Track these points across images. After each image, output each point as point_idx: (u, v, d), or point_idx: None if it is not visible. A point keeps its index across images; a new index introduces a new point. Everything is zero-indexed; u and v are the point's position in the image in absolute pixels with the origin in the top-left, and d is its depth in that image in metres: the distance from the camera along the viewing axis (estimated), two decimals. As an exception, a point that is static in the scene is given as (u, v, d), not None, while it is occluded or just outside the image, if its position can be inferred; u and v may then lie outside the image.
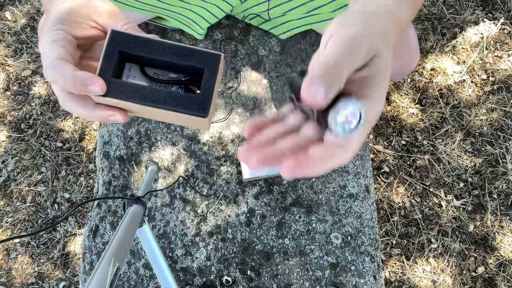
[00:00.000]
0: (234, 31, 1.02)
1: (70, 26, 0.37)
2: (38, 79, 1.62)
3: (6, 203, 1.49)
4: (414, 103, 1.57)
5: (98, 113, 0.37)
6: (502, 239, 1.41)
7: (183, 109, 0.38)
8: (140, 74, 0.41)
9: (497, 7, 1.66)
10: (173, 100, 0.38)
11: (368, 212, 0.91)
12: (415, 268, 1.40)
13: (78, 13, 0.37)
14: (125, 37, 0.39)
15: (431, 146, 1.51)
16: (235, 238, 0.89)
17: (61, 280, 1.42)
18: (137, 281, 0.87)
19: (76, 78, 0.33)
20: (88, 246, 0.91)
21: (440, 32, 1.64)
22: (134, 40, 0.39)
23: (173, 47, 0.39)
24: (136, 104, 0.37)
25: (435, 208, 1.45)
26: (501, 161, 1.48)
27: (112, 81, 0.37)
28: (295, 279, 0.86)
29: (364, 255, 0.87)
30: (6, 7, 1.70)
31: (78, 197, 1.49)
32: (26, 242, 1.45)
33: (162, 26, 1.02)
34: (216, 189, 0.92)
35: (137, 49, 0.39)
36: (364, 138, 0.33)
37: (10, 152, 1.54)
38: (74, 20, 0.37)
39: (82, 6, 0.38)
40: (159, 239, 0.89)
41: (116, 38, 0.38)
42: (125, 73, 0.41)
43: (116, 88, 0.37)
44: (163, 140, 0.95)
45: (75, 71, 0.34)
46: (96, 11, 0.38)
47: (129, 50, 0.39)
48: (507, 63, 1.59)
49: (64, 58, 0.35)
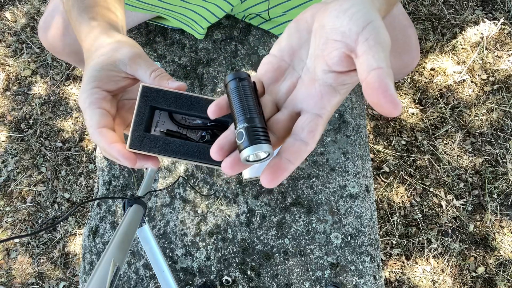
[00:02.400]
0: (234, 31, 1.02)
1: (103, 82, 0.42)
2: (38, 79, 1.62)
3: (6, 203, 1.49)
4: (414, 103, 1.57)
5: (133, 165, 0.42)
6: (502, 239, 1.41)
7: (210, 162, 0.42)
8: (168, 120, 0.45)
9: (497, 7, 1.66)
10: (200, 153, 0.42)
11: (368, 212, 0.91)
12: (415, 268, 1.40)
13: (107, 68, 0.42)
14: (155, 92, 0.42)
15: (431, 146, 1.51)
16: (235, 238, 0.89)
17: (61, 280, 1.42)
18: (137, 281, 0.87)
19: (113, 152, 0.40)
20: (88, 246, 0.90)
21: (440, 32, 1.64)
22: (164, 95, 0.42)
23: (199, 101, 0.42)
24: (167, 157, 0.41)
25: (435, 208, 1.45)
26: (501, 161, 1.48)
27: (145, 136, 0.42)
28: (295, 279, 0.86)
29: (364, 255, 0.87)
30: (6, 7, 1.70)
31: (78, 197, 1.49)
32: (26, 242, 1.45)
33: (162, 26, 1.02)
34: (216, 189, 0.92)
35: (166, 104, 0.43)
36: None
37: (10, 152, 1.54)
38: (106, 75, 0.42)
39: (110, 58, 0.42)
40: (159, 239, 0.89)
41: (147, 93, 0.42)
42: (155, 119, 0.45)
43: (149, 142, 0.42)
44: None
45: (111, 144, 0.40)
46: (122, 63, 0.42)
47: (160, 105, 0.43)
48: (507, 63, 1.59)
49: (103, 122, 0.40)
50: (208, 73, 0.99)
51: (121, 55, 0.42)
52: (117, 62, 0.42)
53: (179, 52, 1.00)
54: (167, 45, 1.01)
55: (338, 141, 0.94)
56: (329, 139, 0.94)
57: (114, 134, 0.41)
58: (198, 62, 1.00)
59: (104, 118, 0.41)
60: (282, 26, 0.97)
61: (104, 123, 0.41)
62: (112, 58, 0.42)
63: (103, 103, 0.41)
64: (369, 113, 1.56)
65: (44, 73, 1.63)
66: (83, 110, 0.42)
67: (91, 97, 0.41)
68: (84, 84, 0.42)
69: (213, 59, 1.00)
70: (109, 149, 0.40)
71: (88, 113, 0.41)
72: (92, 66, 0.42)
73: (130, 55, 0.43)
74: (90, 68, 0.42)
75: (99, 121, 0.40)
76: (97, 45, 0.44)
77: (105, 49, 0.43)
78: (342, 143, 0.94)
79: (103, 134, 0.40)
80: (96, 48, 0.44)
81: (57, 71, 1.63)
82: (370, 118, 1.56)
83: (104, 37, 0.45)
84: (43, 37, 0.88)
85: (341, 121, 0.96)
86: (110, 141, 0.40)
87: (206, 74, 0.99)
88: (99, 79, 0.42)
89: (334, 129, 0.95)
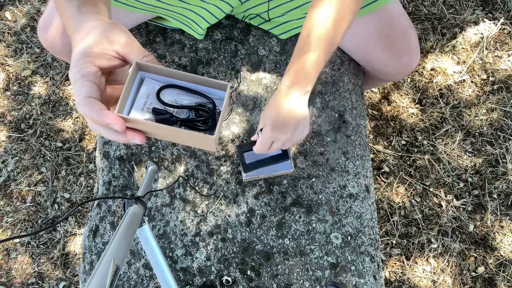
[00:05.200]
0: (234, 31, 1.02)
1: (96, 58, 0.43)
2: (38, 79, 1.62)
3: (6, 203, 1.49)
4: (414, 103, 1.57)
5: (121, 137, 0.43)
6: (502, 239, 1.41)
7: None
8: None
9: (497, 7, 1.66)
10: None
11: (368, 212, 0.91)
12: (415, 268, 1.40)
13: (101, 46, 0.43)
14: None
15: (431, 146, 1.51)
16: (235, 238, 0.89)
17: (61, 280, 1.42)
18: (137, 281, 0.87)
19: (101, 118, 0.40)
20: (88, 246, 0.90)
21: (440, 32, 1.64)
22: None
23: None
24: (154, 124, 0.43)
25: (435, 208, 1.45)
26: (501, 161, 1.48)
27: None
28: (295, 279, 0.86)
29: (364, 255, 0.87)
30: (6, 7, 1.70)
31: (78, 197, 1.49)
32: (26, 242, 1.45)
33: (162, 26, 1.02)
34: (216, 189, 0.92)
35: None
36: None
37: (10, 152, 1.54)
38: (99, 53, 0.43)
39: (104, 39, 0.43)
40: (159, 239, 0.89)
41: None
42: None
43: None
44: (163, 140, 0.95)
45: (100, 111, 0.41)
46: (116, 43, 0.44)
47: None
48: (507, 63, 1.59)
49: (92, 94, 0.41)
50: (208, 73, 0.99)
51: (115, 35, 0.44)
52: (111, 40, 0.43)
53: (179, 52, 1.00)
54: (167, 45, 1.01)
55: (338, 141, 0.94)
56: (329, 139, 0.94)
57: (102, 104, 0.41)
58: (198, 62, 1.00)
59: (94, 90, 0.41)
60: (282, 27, 0.97)
61: (93, 95, 0.41)
62: (107, 36, 0.43)
63: (94, 77, 0.42)
64: (369, 113, 1.56)
65: (44, 73, 1.63)
66: (73, 82, 0.42)
67: (83, 71, 0.42)
68: (76, 58, 0.42)
69: (213, 59, 1.00)
70: (97, 117, 0.40)
71: (78, 84, 0.41)
72: (86, 42, 0.43)
73: (124, 37, 0.44)
74: (83, 44, 0.43)
75: (88, 92, 0.41)
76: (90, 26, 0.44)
77: (99, 29, 0.44)
78: (342, 143, 0.94)
79: (91, 102, 0.41)
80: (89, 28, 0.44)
81: (57, 71, 1.63)
82: (370, 118, 1.56)
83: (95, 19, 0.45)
84: (42, 36, 0.88)
85: (341, 121, 0.96)
86: (99, 109, 0.41)
87: (206, 74, 0.99)
88: (92, 54, 0.42)
89: (334, 129, 0.95)
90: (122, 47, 0.44)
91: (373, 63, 0.96)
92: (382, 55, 0.91)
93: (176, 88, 0.47)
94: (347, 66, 1.01)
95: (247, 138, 0.94)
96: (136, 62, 0.44)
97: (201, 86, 0.46)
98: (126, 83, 0.44)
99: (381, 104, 1.58)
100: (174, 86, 0.47)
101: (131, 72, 0.44)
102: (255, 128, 0.95)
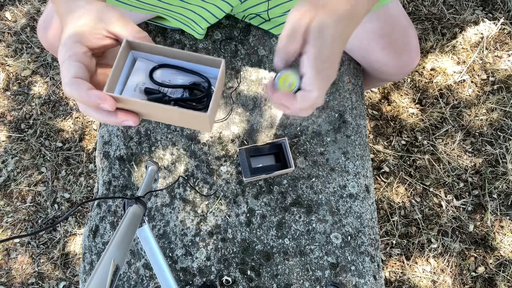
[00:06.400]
0: (234, 31, 1.02)
1: (85, 38, 0.41)
2: (38, 79, 1.62)
3: (6, 203, 1.49)
4: (414, 103, 1.57)
5: (113, 119, 0.41)
6: (502, 239, 1.41)
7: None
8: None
9: (497, 7, 1.66)
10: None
11: (368, 212, 0.91)
12: (415, 268, 1.40)
13: (91, 24, 0.41)
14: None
15: (431, 146, 1.51)
16: (235, 238, 0.89)
17: (61, 280, 1.42)
18: (137, 281, 0.87)
19: (90, 97, 0.38)
20: (88, 246, 0.91)
21: (440, 32, 1.64)
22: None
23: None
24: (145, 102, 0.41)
25: (435, 208, 1.45)
26: (501, 161, 1.48)
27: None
28: (295, 279, 0.86)
29: (364, 255, 0.87)
30: (6, 7, 1.70)
31: (78, 197, 1.49)
32: (26, 242, 1.45)
33: (162, 26, 1.02)
34: (216, 189, 0.92)
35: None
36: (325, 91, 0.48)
37: (10, 152, 1.54)
38: (89, 31, 0.41)
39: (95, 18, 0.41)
40: (159, 239, 0.89)
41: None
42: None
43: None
44: (163, 140, 0.95)
45: (89, 90, 0.39)
46: (107, 22, 0.42)
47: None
48: (507, 63, 1.59)
49: (80, 75, 0.39)
50: (208, 73, 0.99)
51: (106, 14, 0.42)
52: (102, 19, 0.42)
53: (179, 52, 1.00)
54: (167, 45, 1.01)
55: (338, 141, 0.94)
56: (329, 139, 0.94)
57: (90, 84, 0.40)
58: (198, 62, 1.00)
59: (82, 71, 0.40)
60: (282, 27, 0.97)
61: (81, 75, 0.39)
62: (98, 15, 0.42)
63: (84, 58, 0.40)
64: (369, 113, 1.56)
65: (44, 73, 1.63)
66: (61, 62, 0.40)
67: (71, 51, 0.40)
68: (65, 38, 0.41)
69: (213, 59, 1.00)
70: (86, 96, 0.39)
71: (65, 65, 0.39)
72: (76, 21, 0.42)
73: (116, 15, 0.42)
74: (73, 23, 0.41)
75: (77, 72, 0.39)
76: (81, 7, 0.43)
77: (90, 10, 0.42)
78: (342, 143, 0.94)
79: (79, 82, 0.39)
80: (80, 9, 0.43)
81: (57, 71, 1.63)
82: (370, 118, 1.56)
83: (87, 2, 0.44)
84: (42, 36, 0.88)
85: (341, 121, 0.96)
86: (87, 88, 0.39)
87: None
88: (81, 33, 0.41)
89: (334, 129, 0.95)
90: (113, 26, 0.42)
91: (373, 63, 0.96)
92: (382, 55, 0.91)
93: (170, 68, 0.45)
94: (347, 66, 1.01)
95: (247, 138, 0.94)
96: (127, 40, 0.42)
97: (196, 65, 0.45)
98: (115, 62, 0.41)
99: (381, 104, 1.58)
100: (168, 66, 0.45)
101: (121, 50, 0.42)
102: (255, 128, 0.95)
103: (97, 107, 0.40)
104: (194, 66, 0.45)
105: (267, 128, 0.95)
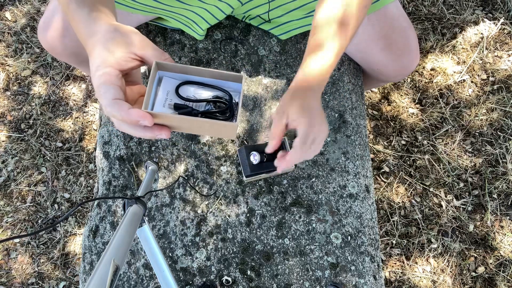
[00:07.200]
0: (234, 31, 1.02)
1: (117, 63, 0.45)
2: (38, 79, 1.62)
3: (6, 203, 1.49)
4: (414, 103, 1.57)
5: (148, 133, 0.46)
6: (502, 239, 1.41)
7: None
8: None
9: (497, 7, 1.66)
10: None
11: (368, 212, 0.91)
12: (415, 268, 1.40)
13: (119, 49, 0.45)
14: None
15: (431, 146, 1.51)
16: (235, 238, 0.89)
17: (61, 280, 1.42)
18: (137, 281, 0.87)
19: (131, 116, 0.43)
20: (88, 246, 0.91)
21: (440, 32, 1.64)
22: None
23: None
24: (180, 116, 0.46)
25: (435, 208, 1.45)
26: (501, 161, 1.48)
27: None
28: (295, 279, 0.86)
29: (364, 255, 0.87)
30: (6, 7, 1.70)
31: (78, 197, 1.49)
32: (26, 242, 1.45)
33: (162, 26, 1.02)
34: (216, 189, 0.92)
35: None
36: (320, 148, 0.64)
37: (10, 152, 1.54)
38: (120, 56, 0.45)
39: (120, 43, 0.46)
40: (159, 239, 0.89)
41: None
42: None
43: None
44: (163, 140, 0.95)
45: (129, 109, 0.43)
46: (132, 45, 0.46)
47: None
48: (507, 63, 1.59)
49: (118, 96, 0.44)
50: (208, 73, 0.99)
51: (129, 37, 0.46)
52: (127, 43, 0.45)
53: (179, 52, 1.00)
54: (167, 45, 1.01)
55: (338, 141, 0.94)
56: (329, 139, 0.94)
57: (129, 104, 0.44)
58: (198, 62, 1.00)
59: (119, 92, 0.44)
60: (282, 27, 0.97)
61: (119, 97, 0.44)
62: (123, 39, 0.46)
63: (117, 80, 0.44)
64: (369, 113, 1.56)
65: (44, 73, 1.63)
66: (96, 86, 0.44)
67: (106, 75, 0.44)
68: (97, 64, 0.45)
69: (213, 59, 1.00)
70: (127, 116, 0.43)
71: (103, 89, 0.43)
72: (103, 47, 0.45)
73: (139, 38, 0.47)
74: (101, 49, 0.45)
75: (115, 94, 0.43)
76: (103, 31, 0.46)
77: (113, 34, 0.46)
78: (342, 143, 0.94)
79: (119, 103, 0.43)
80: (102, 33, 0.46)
81: (57, 71, 1.63)
82: (370, 118, 1.56)
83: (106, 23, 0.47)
84: (42, 37, 0.88)
85: (341, 121, 0.96)
86: (127, 108, 0.43)
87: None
88: (112, 58, 0.45)
89: (334, 129, 0.95)
90: (138, 49, 0.46)
91: (373, 64, 0.96)
92: (381, 56, 0.91)
93: (193, 84, 0.51)
94: (347, 66, 1.01)
95: (247, 138, 0.94)
96: (156, 62, 0.47)
97: (216, 80, 0.50)
98: (149, 82, 0.47)
99: (381, 104, 1.58)
100: (191, 83, 0.50)
101: (153, 72, 0.47)
102: (255, 128, 0.95)
103: (136, 124, 0.44)
104: (214, 81, 0.50)
105: (267, 128, 0.95)
